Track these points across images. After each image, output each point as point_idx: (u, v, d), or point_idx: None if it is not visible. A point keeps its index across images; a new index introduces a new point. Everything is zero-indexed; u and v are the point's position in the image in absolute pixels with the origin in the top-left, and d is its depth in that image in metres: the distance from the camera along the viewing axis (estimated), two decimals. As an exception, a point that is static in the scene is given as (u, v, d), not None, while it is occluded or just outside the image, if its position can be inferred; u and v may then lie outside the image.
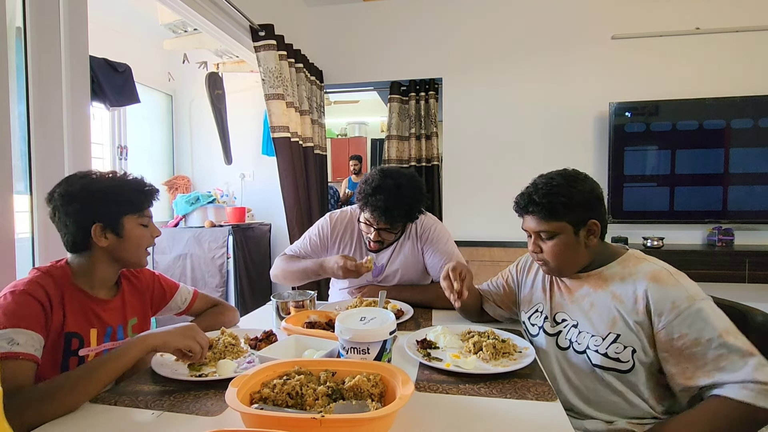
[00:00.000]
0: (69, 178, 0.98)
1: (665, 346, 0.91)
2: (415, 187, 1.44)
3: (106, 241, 0.96)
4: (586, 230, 1.03)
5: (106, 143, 2.80)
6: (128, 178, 1.01)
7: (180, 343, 0.88)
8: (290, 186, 2.63)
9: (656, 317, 0.92)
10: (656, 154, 2.82)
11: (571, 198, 1.01)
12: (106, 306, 1.00)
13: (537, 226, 1.05)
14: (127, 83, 2.50)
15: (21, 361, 0.78)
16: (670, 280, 0.95)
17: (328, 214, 1.67)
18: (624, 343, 0.96)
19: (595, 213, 1.03)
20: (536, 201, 1.03)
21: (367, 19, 3.26)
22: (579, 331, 1.04)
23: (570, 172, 1.07)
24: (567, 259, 1.05)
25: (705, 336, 0.87)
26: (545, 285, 1.17)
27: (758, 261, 2.46)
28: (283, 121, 2.51)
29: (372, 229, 1.46)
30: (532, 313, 1.17)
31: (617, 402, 0.98)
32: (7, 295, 0.84)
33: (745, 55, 2.74)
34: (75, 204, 0.93)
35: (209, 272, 2.76)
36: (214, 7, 2.12)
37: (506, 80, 3.06)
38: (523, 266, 1.28)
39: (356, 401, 0.70)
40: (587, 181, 1.05)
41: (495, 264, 3.00)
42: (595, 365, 0.99)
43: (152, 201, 1.04)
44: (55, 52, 1.36)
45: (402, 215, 1.41)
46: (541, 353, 1.10)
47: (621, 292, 0.99)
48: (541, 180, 1.07)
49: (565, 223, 1.02)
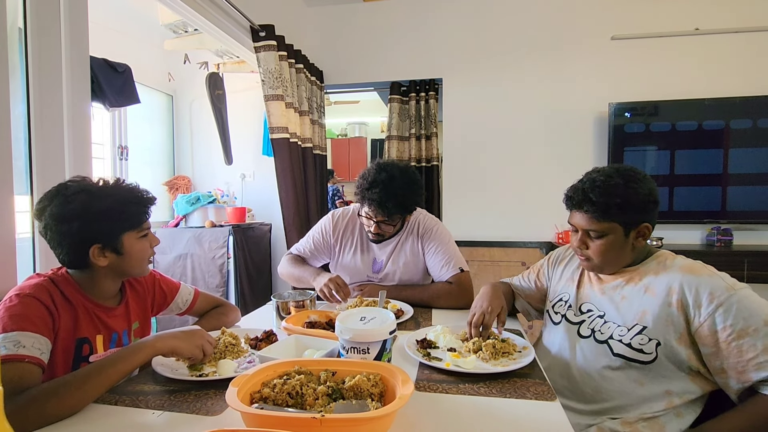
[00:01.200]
0: (61, 193, 0.90)
1: (709, 340, 0.88)
2: (409, 179, 1.46)
3: (105, 260, 0.93)
4: (636, 232, 1.00)
5: (106, 143, 2.80)
6: (124, 189, 0.96)
7: (188, 351, 0.88)
8: (288, 187, 2.63)
9: (694, 310, 0.90)
10: (656, 154, 2.82)
11: (627, 199, 0.97)
12: (111, 313, 0.99)
13: (587, 224, 1.02)
14: (127, 84, 2.50)
15: (26, 364, 0.77)
16: (705, 271, 0.93)
17: (331, 212, 1.71)
18: (649, 335, 0.95)
19: (649, 216, 0.99)
20: (592, 200, 0.99)
21: (367, 19, 3.26)
22: (604, 321, 1.03)
23: (629, 171, 1.01)
24: (612, 259, 1.03)
25: (752, 326, 0.84)
26: (574, 276, 1.17)
27: (757, 261, 2.46)
28: (282, 122, 2.51)
29: (372, 222, 1.48)
30: (557, 302, 1.18)
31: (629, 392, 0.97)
32: (13, 297, 0.83)
33: (745, 56, 2.74)
34: (72, 224, 0.87)
35: (209, 272, 2.76)
36: (214, 7, 2.12)
37: (506, 80, 3.06)
38: (555, 259, 1.28)
39: (356, 401, 0.70)
40: (645, 182, 0.99)
41: (495, 264, 3.00)
42: (617, 354, 0.98)
43: (150, 212, 1.00)
44: (56, 52, 1.36)
45: (397, 207, 1.43)
46: (559, 339, 1.11)
47: (654, 285, 0.98)
48: (598, 176, 1.01)
49: (616, 224, 0.99)
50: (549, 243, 2.98)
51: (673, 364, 0.94)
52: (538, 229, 3.02)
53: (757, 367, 0.83)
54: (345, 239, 1.65)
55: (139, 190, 0.99)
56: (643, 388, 0.96)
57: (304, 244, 1.70)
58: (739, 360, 0.85)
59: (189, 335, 0.90)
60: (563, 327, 1.12)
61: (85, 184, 0.92)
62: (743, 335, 0.84)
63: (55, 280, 0.91)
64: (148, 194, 1.00)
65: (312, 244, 1.67)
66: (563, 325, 1.12)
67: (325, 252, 1.68)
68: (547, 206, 2.93)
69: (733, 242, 2.71)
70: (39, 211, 0.90)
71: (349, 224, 1.65)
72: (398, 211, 1.45)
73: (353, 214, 1.66)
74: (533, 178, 3.03)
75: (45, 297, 0.86)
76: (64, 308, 0.89)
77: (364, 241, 1.64)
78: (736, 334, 0.85)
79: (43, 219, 0.89)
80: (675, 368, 0.94)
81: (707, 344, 0.89)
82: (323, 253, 1.68)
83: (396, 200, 1.41)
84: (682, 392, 0.95)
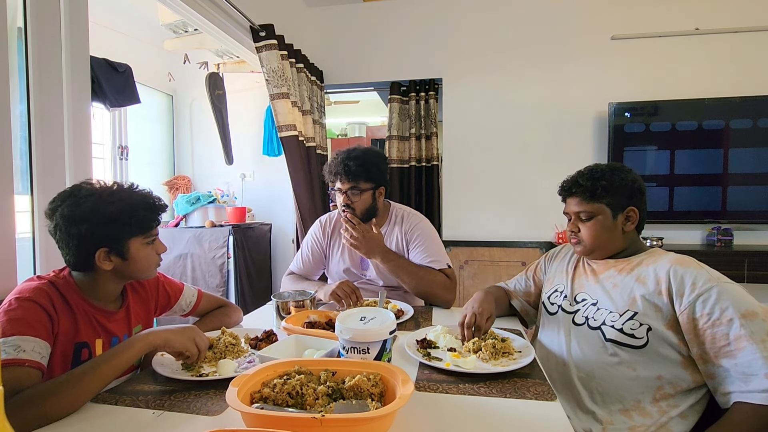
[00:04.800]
0: (74, 195, 0.90)
1: (688, 327, 0.93)
2: (369, 149, 1.55)
3: (110, 264, 0.93)
4: (624, 216, 1.09)
5: (106, 143, 2.80)
6: (136, 195, 0.96)
7: (181, 344, 0.88)
8: (303, 184, 2.64)
9: (677, 298, 0.95)
10: (655, 154, 2.82)
11: (611, 183, 1.08)
12: (112, 317, 0.99)
13: (577, 206, 1.13)
14: (127, 83, 2.50)
15: (26, 368, 0.77)
16: (692, 264, 0.98)
17: (318, 220, 1.75)
18: (640, 321, 0.99)
19: (635, 202, 1.10)
20: (579, 183, 1.12)
21: (367, 19, 3.26)
22: (597, 308, 1.08)
23: (615, 164, 1.14)
24: (602, 241, 1.11)
25: (727, 316, 0.88)
26: (569, 269, 1.22)
27: (757, 261, 2.46)
28: (289, 120, 2.52)
29: (341, 195, 1.53)
30: (552, 293, 1.23)
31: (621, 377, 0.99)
32: (12, 301, 0.83)
33: (745, 56, 2.74)
34: (81, 226, 0.87)
35: (210, 272, 2.76)
36: (214, 7, 2.12)
37: (506, 80, 3.06)
38: (551, 256, 1.35)
39: (356, 401, 0.70)
40: (630, 173, 1.12)
41: (495, 264, 3.00)
42: (609, 340, 1.02)
43: (160, 219, 1.00)
44: (56, 52, 1.36)
45: (359, 168, 1.49)
46: (555, 329, 1.15)
47: (645, 274, 1.03)
48: (587, 168, 1.16)
49: (603, 205, 1.09)
50: (549, 243, 2.98)
51: (664, 349, 0.97)
52: (538, 229, 3.02)
53: (726, 354, 0.88)
54: (333, 241, 1.69)
55: (151, 196, 0.98)
56: (635, 373, 0.99)
57: (300, 258, 1.72)
58: (712, 347, 0.90)
59: (182, 329, 0.90)
60: (559, 316, 1.16)
61: (98, 188, 0.93)
62: (718, 324, 0.89)
63: (56, 283, 0.90)
64: (160, 201, 1.00)
65: (309, 254, 1.70)
66: (559, 315, 1.16)
67: (321, 259, 1.71)
68: (547, 206, 2.93)
69: (733, 242, 2.71)
70: (51, 210, 0.90)
71: (336, 226, 1.69)
72: (362, 173, 1.49)
73: (338, 216, 1.69)
74: (533, 178, 3.03)
75: (44, 301, 0.85)
76: (63, 312, 0.88)
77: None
78: (711, 322, 0.90)
79: (54, 219, 0.90)
80: (666, 353, 0.97)
81: (687, 330, 0.94)
82: (320, 261, 1.71)
83: (357, 161, 1.48)
84: (673, 379, 0.97)
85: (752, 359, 0.84)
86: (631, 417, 0.98)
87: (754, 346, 0.85)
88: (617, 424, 0.98)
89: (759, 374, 0.83)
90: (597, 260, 1.16)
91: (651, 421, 0.97)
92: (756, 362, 0.84)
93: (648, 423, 0.97)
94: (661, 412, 0.97)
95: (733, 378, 0.88)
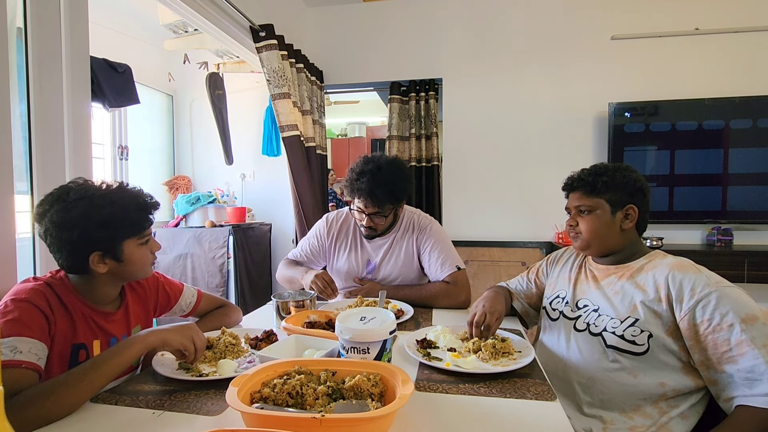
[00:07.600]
0: (62, 198, 0.87)
1: (689, 333, 0.93)
2: (396, 168, 1.48)
3: (105, 267, 0.91)
4: (623, 213, 1.09)
5: (106, 143, 2.80)
6: (127, 195, 0.94)
7: (179, 343, 0.88)
8: (305, 183, 2.65)
9: (677, 304, 0.94)
10: (655, 154, 2.82)
11: (613, 179, 1.09)
12: (110, 318, 0.98)
13: (578, 200, 1.14)
14: (127, 84, 2.50)
15: (24, 370, 0.77)
16: (691, 268, 0.98)
17: (325, 216, 1.72)
18: (641, 327, 0.98)
19: (635, 200, 1.09)
20: (582, 178, 1.14)
21: (367, 19, 3.26)
22: (598, 315, 1.07)
23: (621, 164, 1.15)
24: (600, 236, 1.11)
25: (727, 321, 0.88)
26: (571, 275, 1.22)
27: (757, 261, 2.46)
28: (290, 119, 2.52)
29: (363, 216, 1.49)
30: (554, 298, 1.22)
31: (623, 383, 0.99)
32: (8, 302, 0.83)
33: (745, 56, 2.74)
34: (72, 232, 0.85)
35: (210, 272, 2.76)
36: (214, 7, 2.12)
37: (506, 80, 3.06)
38: (553, 259, 1.34)
39: (356, 401, 0.70)
40: (635, 173, 1.12)
41: (495, 264, 3.00)
42: (610, 346, 1.01)
43: (153, 217, 0.98)
44: (56, 52, 1.36)
45: (386, 195, 1.44)
46: (556, 334, 1.15)
47: (644, 281, 1.02)
48: (592, 165, 1.17)
49: (603, 200, 1.10)
50: (549, 243, 2.98)
51: (665, 356, 0.97)
52: (538, 229, 3.02)
53: (728, 360, 0.87)
54: (339, 241, 1.66)
55: (142, 195, 0.96)
56: (636, 379, 0.98)
57: (300, 250, 1.71)
58: (714, 353, 0.90)
59: (180, 327, 0.90)
60: (560, 323, 1.16)
61: (87, 190, 0.90)
62: (719, 330, 0.89)
63: (52, 285, 0.90)
64: (152, 199, 0.98)
65: (308, 248, 1.69)
66: (560, 321, 1.16)
67: (321, 256, 1.69)
68: (547, 206, 2.93)
69: (733, 242, 2.71)
70: (39, 215, 0.88)
71: (343, 226, 1.67)
72: (388, 200, 1.46)
73: (347, 216, 1.67)
74: (533, 178, 3.03)
75: (41, 302, 0.85)
76: (60, 313, 0.88)
77: (357, 242, 1.64)
78: (712, 328, 0.89)
79: (44, 224, 0.87)
80: (667, 360, 0.97)
81: (688, 337, 0.93)
82: (319, 257, 1.69)
83: (384, 188, 1.42)
84: (675, 385, 0.96)
85: (754, 364, 0.84)
86: (632, 417, 0.98)
87: (756, 351, 0.84)
88: (617, 424, 0.99)
89: (763, 379, 0.83)
90: (598, 265, 1.16)
91: (651, 421, 0.97)
92: (759, 367, 0.84)
93: (648, 423, 0.97)
94: (661, 412, 0.97)
95: (737, 383, 0.87)
